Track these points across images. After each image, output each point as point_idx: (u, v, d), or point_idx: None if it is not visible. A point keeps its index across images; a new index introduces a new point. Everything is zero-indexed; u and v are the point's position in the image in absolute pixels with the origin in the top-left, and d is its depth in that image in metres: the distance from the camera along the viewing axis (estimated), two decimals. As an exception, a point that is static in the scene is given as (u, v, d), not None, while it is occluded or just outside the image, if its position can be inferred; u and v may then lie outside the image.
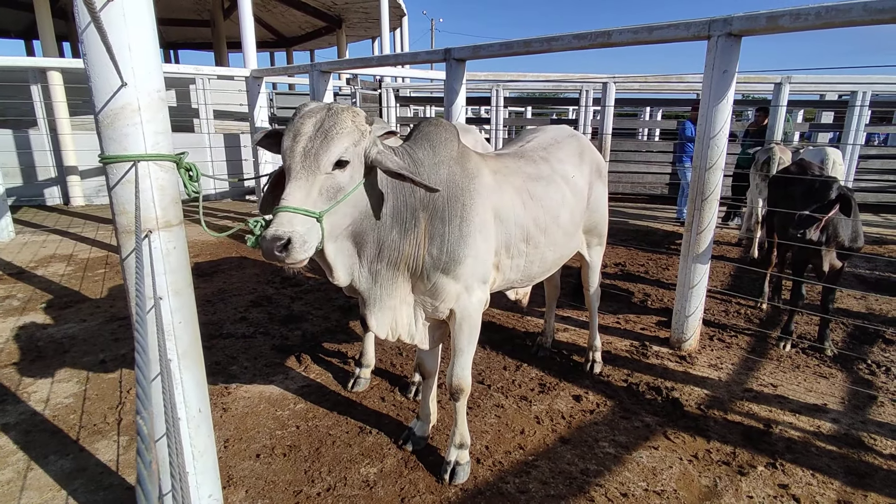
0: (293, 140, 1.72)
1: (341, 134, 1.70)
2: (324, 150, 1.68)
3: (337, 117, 1.72)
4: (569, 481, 2.35)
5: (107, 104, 1.32)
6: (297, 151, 1.72)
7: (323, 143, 1.68)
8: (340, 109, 1.76)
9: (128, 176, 1.38)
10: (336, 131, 1.69)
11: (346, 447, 2.57)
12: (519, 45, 4.02)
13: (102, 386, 3.08)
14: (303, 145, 1.70)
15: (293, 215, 1.63)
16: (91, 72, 1.30)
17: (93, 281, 4.90)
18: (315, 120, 1.74)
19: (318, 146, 1.68)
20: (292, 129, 1.74)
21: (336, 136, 1.69)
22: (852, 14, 2.58)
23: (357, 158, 1.77)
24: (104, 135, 1.35)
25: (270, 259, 1.62)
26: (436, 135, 2.03)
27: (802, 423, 2.79)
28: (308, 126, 1.73)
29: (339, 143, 1.69)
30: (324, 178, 1.69)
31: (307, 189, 1.66)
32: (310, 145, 1.69)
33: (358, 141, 1.75)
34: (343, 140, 1.70)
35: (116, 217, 1.40)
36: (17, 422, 2.73)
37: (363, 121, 1.78)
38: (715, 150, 3.21)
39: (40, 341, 3.66)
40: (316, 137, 1.69)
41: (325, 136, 1.69)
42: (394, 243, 1.96)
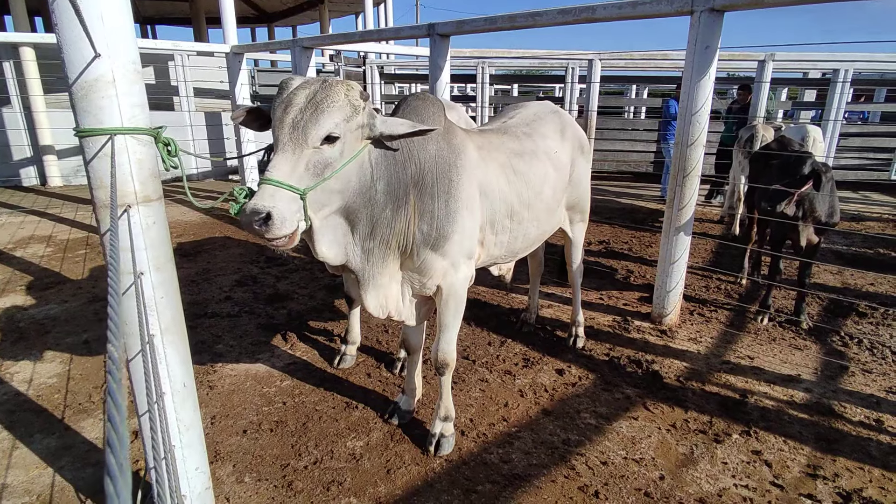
0: (283, 111, 1.69)
1: (332, 107, 1.67)
2: (313, 123, 1.65)
3: (330, 90, 1.69)
4: (551, 451, 2.41)
5: (80, 76, 1.30)
6: (286, 122, 1.68)
7: (313, 115, 1.65)
8: (335, 82, 1.73)
9: (104, 150, 1.36)
10: (327, 104, 1.66)
11: (332, 422, 2.60)
12: (503, 21, 3.98)
13: (86, 366, 3.07)
14: (292, 116, 1.66)
15: (276, 189, 1.61)
16: (63, 43, 1.27)
17: (73, 262, 4.84)
18: (308, 92, 1.71)
19: (308, 118, 1.65)
20: (283, 100, 1.71)
21: (327, 110, 1.66)
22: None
23: (350, 134, 1.74)
24: (78, 107, 1.32)
25: (249, 232, 1.62)
26: (423, 109, 2.02)
27: (776, 393, 2.88)
28: (300, 97, 1.70)
29: (329, 117, 1.66)
30: (311, 153, 1.66)
31: (293, 163, 1.64)
32: (299, 117, 1.66)
33: (350, 116, 1.72)
34: (334, 114, 1.67)
35: (94, 191, 1.39)
36: (1, 402, 2.72)
37: (358, 95, 1.74)
38: (696, 127, 3.23)
39: (21, 322, 3.62)
40: (306, 109, 1.66)
41: (316, 108, 1.66)
42: (386, 221, 1.95)
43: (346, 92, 1.72)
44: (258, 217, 1.55)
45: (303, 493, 2.15)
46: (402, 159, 1.95)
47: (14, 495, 2.11)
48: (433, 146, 2.03)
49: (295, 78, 2.24)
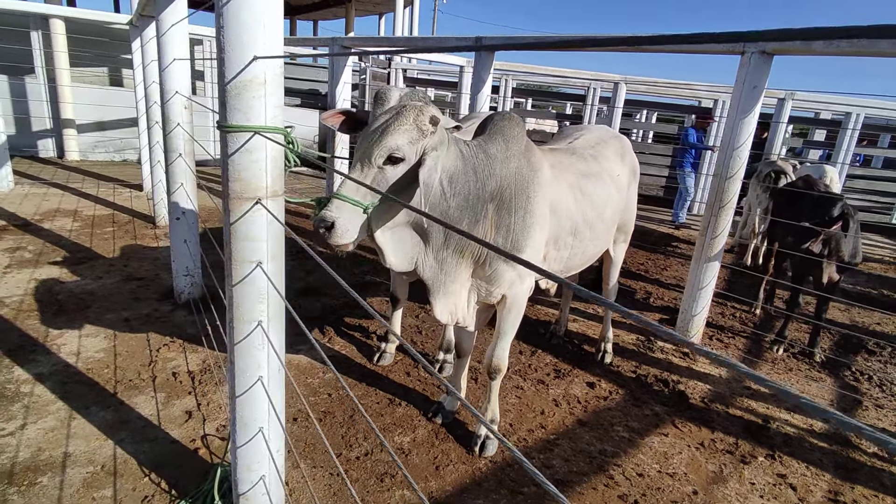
0: (364, 131, 1.84)
1: (397, 132, 1.80)
2: (377, 146, 1.80)
3: (399, 115, 1.83)
4: (589, 459, 2.53)
5: (237, 76, 1.39)
6: (362, 143, 1.86)
7: (379, 138, 1.80)
8: (409, 108, 1.85)
9: (247, 145, 1.46)
10: (393, 129, 1.80)
11: (378, 416, 2.69)
12: (554, 41, 4.11)
13: (131, 343, 3.14)
14: (365, 139, 1.82)
15: (342, 203, 1.77)
16: (226, 44, 1.37)
17: (102, 239, 4.88)
18: (386, 116, 1.85)
19: (375, 141, 1.80)
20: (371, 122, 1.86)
21: (391, 133, 1.80)
22: (881, 46, 2.76)
23: (414, 156, 1.87)
24: (230, 104, 1.42)
25: (319, 237, 1.77)
26: (509, 129, 2.13)
27: (797, 421, 3.01)
28: (379, 120, 1.85)
29: (391, 140, 1.80)
30: (376, 172, 1.81)
31: (360, 179, 1.78)
32: (370, 139, 1.81)
33: (416, 139, 1.85)
34: (397, 137, 1.80)
35: (230, 183, 1.48)
36: (51, 372, 2.78)
37: (427, 120, 1.86)
38: (737, 161, 3.38)
39: (59, 295, 3.67)
40: (376, 132, 1.81)
41: (383, 132, 1.81)
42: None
43: (415, 117, 1.84)
44: (323, 225, 1.71)
45: (357, 483, 2.24)
46: (483, 176, 2.07)
47: (78, 464, 2.18)
48: (514, 163, 2.15)
49: (392, 89, 2.36)
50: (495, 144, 2.12)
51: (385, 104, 2.33)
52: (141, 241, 4.91)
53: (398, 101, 2.34)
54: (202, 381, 2.83)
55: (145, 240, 4.97)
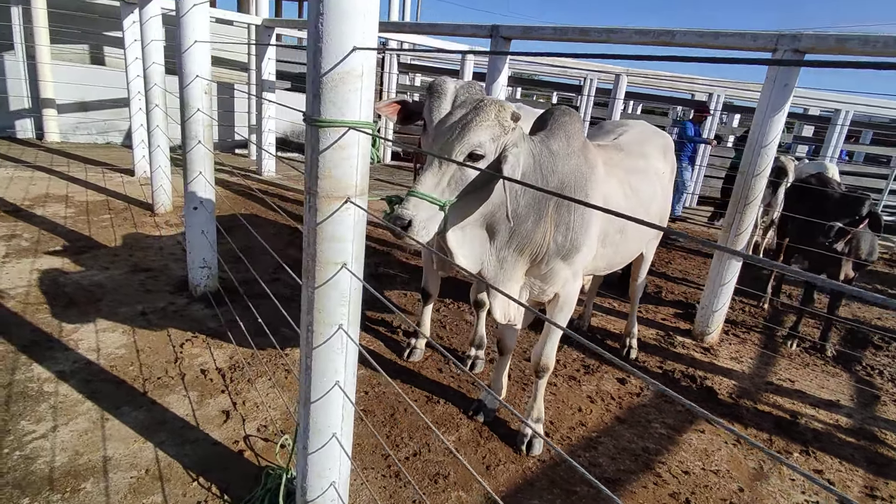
0: (438, 127, 1.77)
1: (479, 127, 1.74)
2: (458, 142, 1.73)
3: (480, 110, 1.76)
4: (634, 457, 2.53)
5: (334, 67, 1.31)
6: (438, 139, 1.79)
7: (459, 134, 1.73)
8: (488, 103, 1.79)
9: (340, 141, 1.38)
10: (475, 124, 1.73)
11: (418, 415, 2.64)
12: (574, 33, 4.06)
13: (151, 339, 3.01)
14: (443, 132, 1.75)
15: (419, 200, 1.70)
16: (324, 33, 1.28)
17: (101, 227, 4.68)
18: (462, 111, 1.78)
19: (455, 137, 1.73)
20: (443, 118, 1.79)
21: (472, 129, 1.73)
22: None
23: (494, 153, 1.81)
24: (325, 97, 1.33)
25: (394, 235, 1.71)
26: (570, 125, 2.08)
27: (823, 417, 3.08)
28: (455, 116, 1.78)
29: (473, 136, 1.73)
30: (455, 169, 1.74)
31: (438, 177, 1.72)
32: (449, 135, 1.74)
33: (497, 136, 1.79)
34: (479, 133, 1.74)
35: (319, 181, 1.40)
36: (73, 370, 2.64)
37: (508, 116, 1.80)
38: (764, 159, 3.40)
39: (66, 287, 3.50)
40: (455, 128, 1.74)
41: (464, 128, 1.74)
42: (526, 231, 2.02)
43: (496, 112, 1.78)
44: (400, 223, 1.65)
45: (411, 485, 2.20)
46: (547, 172, 2.02)
47: (121, 468, 2.08)
48: (574, 160, 2.11)
49: (447, 81, 2.28)
50: (557, 140, 2.07)
51: (442, 97, 2.26)
52: (142, 230, 4.72)
53: (454, 93, 2.27)
54: (233, 378, 2.73)
55: (146, 228, 4.78)
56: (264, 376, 2.78)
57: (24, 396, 2.41)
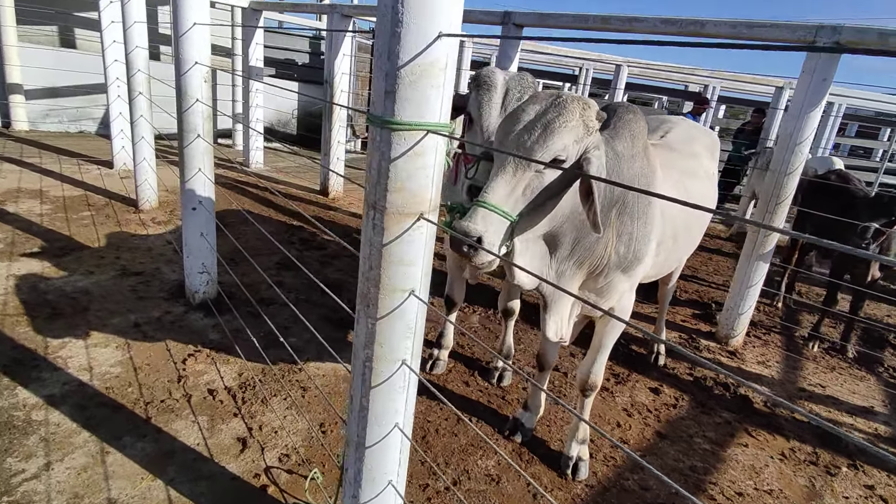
0: (509, 127, 1.54)
1: (564, 129, 1.51)
2: (540, 145, 1.50)
3: (563, 108, 1.53)
4: (683, 478, 2.37)
5: (415, 58, 1.07)
6: (509, 140, 1.55)
7: (541, 136, 1.50)
8: (571, 100, 1.56)
9: (416, 148, 1.14)
10: (559, 125, 1.51)
11: (452, 436, 2.44)
12: (595, 21, 3.84)
13: (149, 354, 2.73)
14: (517, 134, 1.52)
15: (489, 213, 1.47)
16: (406, 15, 1.04)
17: (81, 225, 4.32)
18: (537, 108, 1.55)
19: (535, 139, 1.51)
20: (511, 115, 1.55)
21: (557, 131, 1.50)
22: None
23: (574, 156, 1.59)
24: (401, 95, 1.09)
25: (457, 253, 1.47)
26: (635, 125, 1.87)
27: (861, 425, 2.97)
28: (529, 113, 1.55)
29: (558, 140, 1.51)
30: (532, 176, 1.52)
31: (511, 186, 1.49)
32: (525, 137, 1.51)
33: (581, 138, 1.57)
34: (564, 136, 1.52)
35: (389, 194, 1.16)
36: (64, 394, 2.36)
37: (593, 116, 1.58)
38: (798, 156, 3.25)
39: (49, 295, 3.18)
40: (534, 128, 1.51)
41: (545, 128, 1.50)
42: (589, 243, 1.82)
43: (581, 111, 1.56)
44: (468, 241, 1.41)
45: (455, 520, 2.00)
46: (612, 176, 1.82)
47: (128, 513, 1.83)
48: (638, 163, 1.90)
49: (496, 72, 2.04)
50: (622, 141, 1.86)
51: (492, 90, 2.03)
52: (126, 228, 4.38)
53: (504, 85, 2.04)
54: (245, 399, 2.48)
55: (130, 226, 4.44)
56: (279, 395, 2.54)
57: (9, 428, 2.13)
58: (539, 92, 1.62)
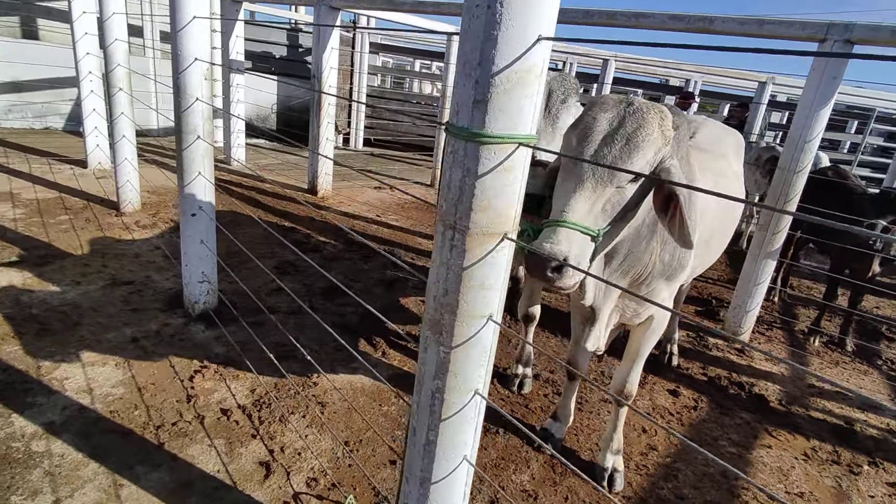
0: (582, 139, 1.44)
1: (646, 143, 1.43)
2: (623, 162, 1.42)
3: (642, 119, 1.44)
4: (716, 485, 2.34)
5: (512, 64, 0.96)
6: (587, 156, 1.46)
7: (623, 150, 1.42)
8: (646, 108, 1.47)
9: (506, 163, 1.04)
10: (641, 138, 1.42)
11: (481, 450, 2.35)
12: (600, 16, 3.78)
13: (152, 372, 2.56)
14: (595, 148, 1.42)
15: (572, 232, 1.37)
16: (504, 17, 0.93)
17: (60, 230, 4.06)
18: (610, 116, 1.46)
19: (617, 155, 1.41)
20: (580, 125, 1.46)
21: (641, 146, 1.42)
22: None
23: (653, 167, 1.51)
24: (493, 104, 0.99)
25: (538, 276, 1.36)
26: (682, 128, 1.81)
27: (875, 421, 3.01)
28: (602, 124, 1.45)
29: (642, 155, 1.43)
30: (613, 192, 1.43)
31: (592, 202, 1.40)
32: (606, 152, 1.42)
33: (659, 149, 1.49)
34: (648, 149, 1.44)
35: (473, 214, 1.06)
36: (65, 420, 2.18)
37: (670, 125, 1.50)
38: (807, 155, 3.26)
39: (33, 309, 2.95)
40: (614, 142, 1.42)
41: (628, 142, 1.42)
42: (638, 252, 1.75)
43: (659, 121, 1.48)
44: (554, 263, 1.32)
45: (498, 541, 1.91)
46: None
47: (152, 553, 1.69)
48: (685, 166, 1.84)
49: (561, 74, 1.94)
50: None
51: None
52: (109, 233, 4.14)
53: (546, 85, 1.95)
54: (262, 418, 2.34)
55: (114, 231, 4.20)
56: (297, 412, 2.41)
57: (8, 462, 1.95)
58: (602, 97, 1.53)
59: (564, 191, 1.41)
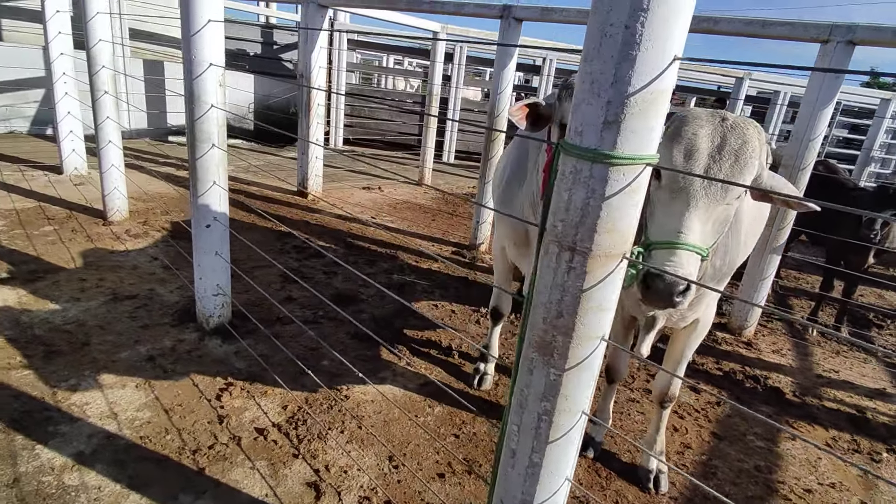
0: (689, 156, 1.43)
1: (753, 156, 1.43)
2: (735, 177, 1.42)
3: (745, 134, 1.44)
4: (753, 480, 2.40)
5: (649, 84, 0.94)
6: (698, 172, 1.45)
7: (734, 167, 1.42)
8: (742, 122, 1.47)
9: (633, 184, 1.02)
10: (749, 154, 1.43)
11: (525, 458, 2.34)
12: (603, 16, 3.78)
13: (177, 392, 2.45)
14: (703, 165, 1.42)
15: (690, 255, 1.36)
16: (645, 37, 0.91)
17: (48, 243, 3.84)
18: (710, 132, 1.45)
19: (728, 171, 1.42)
20: (682, 142, 1.44)
21: (749, 161, 1.43)
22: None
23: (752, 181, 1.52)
24: (626, 125, 0.96)
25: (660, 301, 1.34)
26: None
27: (883, 408, 3.14)
28: (704, 140, 1.44)
29: (752, 170, 1.44)
30: (722, 209, 1.44)
31: (703, 221, 1.41)
32: (716, 168, 1.42)
33: (761, 162, 1.50)
34: (755, 164, 1.44)
35: (598, 236, 1.03)
36: (95, 449, 2.06)
37: (764, 138, 1.52)
38: (811, 152, 3.36)
39: (36, 329, 2.79)
40: (722, 158, 1.42)
41: (736, 158, 1.42)
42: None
43: (758, 135, 1.49)
44: (681, 288, 1.31)
45: (560, 551, 1.90)
46: None
47: (215, 588, 1.61)
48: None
49: None
50: None
51: None
52: (100, 244, 3.94)
53: None
54: (300, 436, 2.27)
55: (105, 241, 4.00)
56: (334, 428, 2.34)
57: (42, 498, 1.83)
58: (690, 111, 1.52)
59: (672, 211, 1.40)
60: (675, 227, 1.37)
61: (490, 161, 4.55)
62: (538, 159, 2.28)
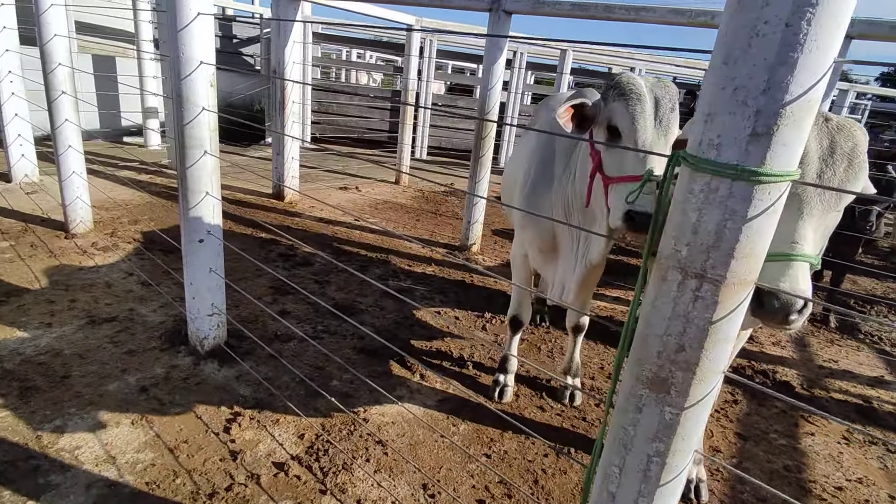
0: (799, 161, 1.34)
1: (865, 159, 1.35)
2: (851, 182, 1.33)
3: (853, 136, 1.34)
4: (785, 480, 2.38)
5: (807, 92, 0.82)
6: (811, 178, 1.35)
7: (849, 171, 1.33)
8: (849, 123, 1.38)
9: (777, 203, 0.91)
10: (861, 157, 1.34)
11: (561, 475, 2.24)
12: (598, 10, 3.71)
13: (179, 428, 2.22)
14: (816, 171, 1.33)
15: (805, 268, 1.25)
16: (808, 37, 0.79)
17: (4, 260, 3.47)
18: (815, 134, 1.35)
19: (843, 176, 1.32)
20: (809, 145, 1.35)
21: (863, 164, 1.34)
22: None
23: None
24: (778, 139, 0.84)
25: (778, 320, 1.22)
26: None
27: (886, 397, 3.20)
28: (811, 143, 1.34)
29: (865, 173, 1.35)
30: (834, 216, 1.36)
31: (815, 230, 1.31)
32: (829, 173, 1.32)
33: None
34: (866, 167, 1.36)
35: (734, 262, 0.91)
36: (95, 500, 1.82)
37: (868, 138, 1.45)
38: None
39: (6, 362, 2.48)
40: (835, 163, 1.32)
41: (850, 162, 1.33)
42: None
43: (864, 136, 1.40)
44: (799, 305, 1.20)
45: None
46: None
47: None
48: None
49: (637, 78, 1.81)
50: None
51: (643, 100, 1.80)
52: (66, 260, 3.59)
53: (652, 94, 1.81)
54: (324, 468, 2.09)
55: (70, 256, 3.65)
56: (358, 457, 2.17)
57: (42, 567, 1.59)
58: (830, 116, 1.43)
59: (783, 218, 1.29)
60: (788, 238, 1.27)
61: (480, 160, 4.42)
62: (569, 162, 2.17)
